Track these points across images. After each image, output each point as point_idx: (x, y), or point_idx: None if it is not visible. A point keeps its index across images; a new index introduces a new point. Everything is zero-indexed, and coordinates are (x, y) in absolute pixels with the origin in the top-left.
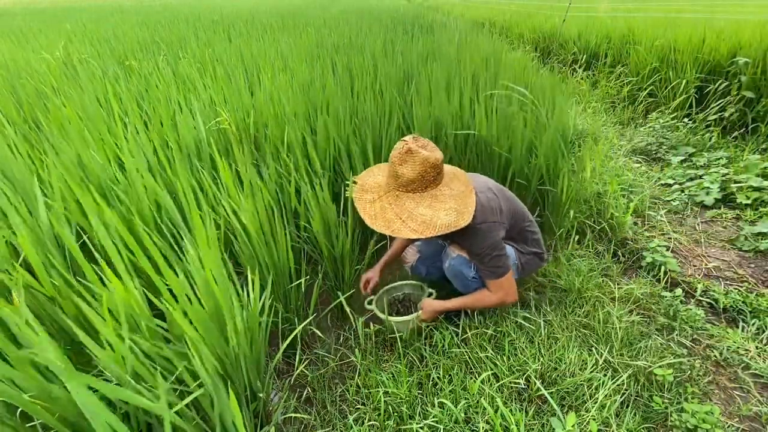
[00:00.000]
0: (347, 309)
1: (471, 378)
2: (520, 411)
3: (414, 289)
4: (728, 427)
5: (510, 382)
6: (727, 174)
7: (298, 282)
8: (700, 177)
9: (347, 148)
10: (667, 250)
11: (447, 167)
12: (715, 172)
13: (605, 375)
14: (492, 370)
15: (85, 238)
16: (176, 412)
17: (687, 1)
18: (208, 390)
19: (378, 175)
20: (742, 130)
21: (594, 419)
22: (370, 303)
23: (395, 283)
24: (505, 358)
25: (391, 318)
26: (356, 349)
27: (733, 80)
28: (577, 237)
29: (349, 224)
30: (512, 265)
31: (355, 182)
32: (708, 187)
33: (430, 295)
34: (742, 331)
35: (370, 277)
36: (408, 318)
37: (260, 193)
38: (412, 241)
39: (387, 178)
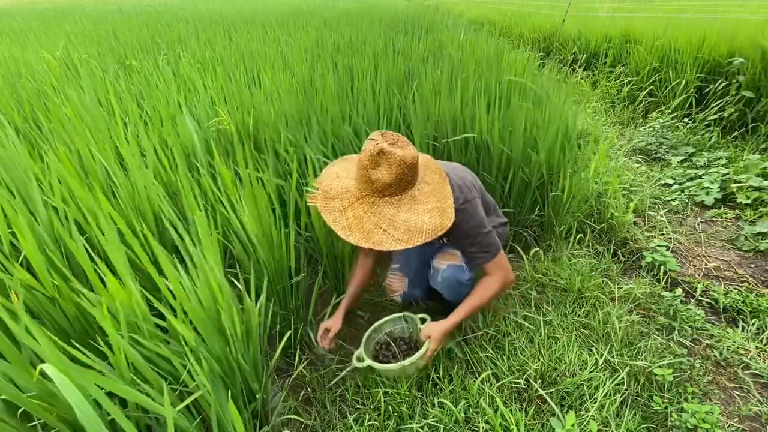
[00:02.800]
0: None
1: (471, 378)
2: (520, 411)
3: (396, 324)
4: (728, 427)
5: (510, 382)
6: (727, 174)
7: (297, 281)
8: (700, 177)
9: (347, 148)
10: (667, 250)
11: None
12: (715, 171)
13: (605, 375)
14: (492, 370)
15: (83, 240)
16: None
17: (687, 1)
18: (206, 395)
19: (343, 176)
20: (741, 130)
21: (594, 419)
22: (360, 360)
23: (374, 325)
24: (505, 358)
25: (397, 364)
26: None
27: (732, 80)
28: (577, 237)
29: None
30: None
31: (316, 188)
32: (708, 187)
33: (423, 321)
34: (742, 331)
35: (329, 326)
36: (416, 357)
37: (260, 192)
38: (373, 270)
39: (358, 183)
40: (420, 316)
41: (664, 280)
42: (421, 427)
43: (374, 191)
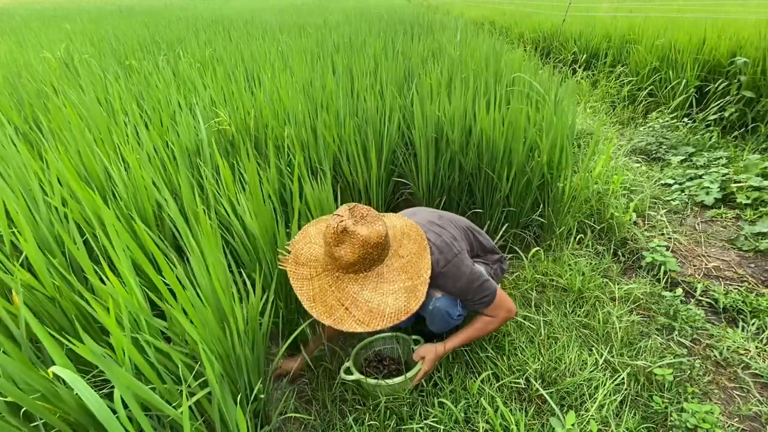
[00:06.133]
0: None
1: (471, 378)
2: (520, 411)
3: (386, 343)
4: (728, 426)
5: (510, 382)
6: (727, 174)
7: None
8: (700, 177)
9: (348, 148)
10: (667, 249)
11: (396, 222)
12: (715, 171)
13: (605, 375)
14: (492, 369)
15: (81, 241)
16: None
17: (687, 1)
18: (215, 393)
19: (315, 242)
20: (742, 130)
21: (594, 419)
22: (348, 372)
23: (364, 341)
24: (505, 358)
25: (389, 381)
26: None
27: (733, 80)
28: (577, 237)
29: None
30: None
31: (288, 251)
32: (708, 187)
33: (416, 342)
34: (742, 331)
35: (288, 369)
36: (408, 376)
37: (261, 192)
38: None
39: (325, 255)
40: (414, 337)
41: (664, 280)
42: (421, 427)
43: (338, 267)
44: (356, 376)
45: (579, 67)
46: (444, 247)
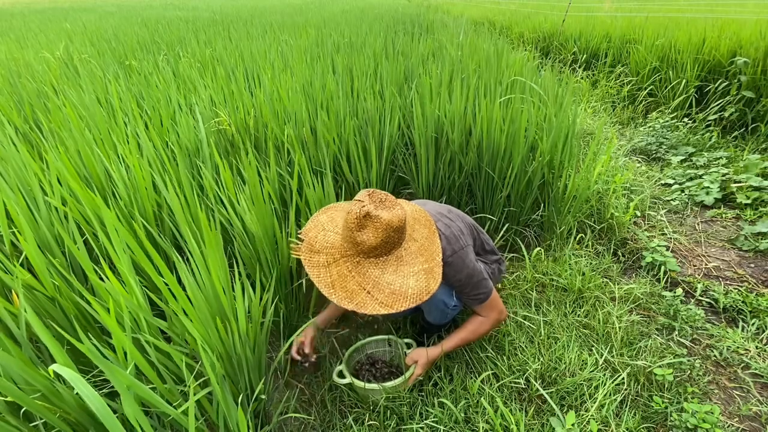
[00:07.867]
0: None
1: (471, 378)
2: (520, 411)
3: (378, 346)
4: (728, 426)
5: (510, 382)
6: (727, 174)
7: (299, 282)
8: (700, 177)
9: (348, 148)
10: (667, 249)
11: (406, 207)
12: (715, 171)
13: (605, 375)
14: (492, 369)
15: (81, 241)
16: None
17: (687, 1)
18: (216, 393)
19: (329, 230)
20: (742, 130)
21: (594, 419)
22: (341, 375)
23: (357, 344)
24: (505, 358)
25: (382, 384)
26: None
27: (733, 80)
28: (577, 236)
29: None
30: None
31: (300, 239)
32: (708, 187)
33: (409, 346)
34: (742, 330)
35: (302, 339)
36: (401, 380)
37: (261, 192)
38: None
39: (343, 241)
40: (406, 341)
41: (664, 280)
42: (421, 427)
43: (359, 252)
44: (349, 379)
45: (579, 67)
46: (452, 237)
